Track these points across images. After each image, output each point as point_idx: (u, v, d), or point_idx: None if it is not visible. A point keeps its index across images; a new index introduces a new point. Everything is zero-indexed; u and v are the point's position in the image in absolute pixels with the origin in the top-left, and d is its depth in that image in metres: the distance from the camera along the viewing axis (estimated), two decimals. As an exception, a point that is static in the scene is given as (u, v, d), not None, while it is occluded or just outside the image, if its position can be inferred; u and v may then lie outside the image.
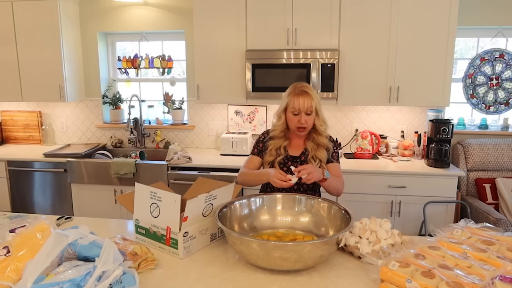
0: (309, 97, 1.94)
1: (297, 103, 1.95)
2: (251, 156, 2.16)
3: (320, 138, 2.02)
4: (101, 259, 1.19)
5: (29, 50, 3.60)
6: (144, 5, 3.74)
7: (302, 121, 1.96)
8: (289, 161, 2.04)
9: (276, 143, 2.05)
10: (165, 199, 1.59)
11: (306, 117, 1.96)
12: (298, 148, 2.07)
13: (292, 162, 2.04)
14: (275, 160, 2.03)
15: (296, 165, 2.01)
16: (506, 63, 3.43)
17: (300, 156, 2.05)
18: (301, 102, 1.94)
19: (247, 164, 2.15)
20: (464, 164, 3.38)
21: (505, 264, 1.30)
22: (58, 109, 4.04)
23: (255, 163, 2.13)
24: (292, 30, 3.24)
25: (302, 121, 1.96)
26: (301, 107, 1.95)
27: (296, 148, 2.07)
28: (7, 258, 1.26)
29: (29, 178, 3.51)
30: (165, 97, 3.96)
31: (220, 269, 1.51)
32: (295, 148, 2.07)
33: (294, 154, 2.06)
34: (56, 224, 1.96)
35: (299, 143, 2.08)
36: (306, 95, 1.94)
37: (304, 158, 2.04)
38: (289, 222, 1.80)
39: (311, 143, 2.03)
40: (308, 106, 1.94)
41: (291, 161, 2.04)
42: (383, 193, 3.12)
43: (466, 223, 1.63)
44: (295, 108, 1.96)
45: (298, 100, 1.95)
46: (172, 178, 3.26)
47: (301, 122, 1.96)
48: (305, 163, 2.01)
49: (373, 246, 1.56)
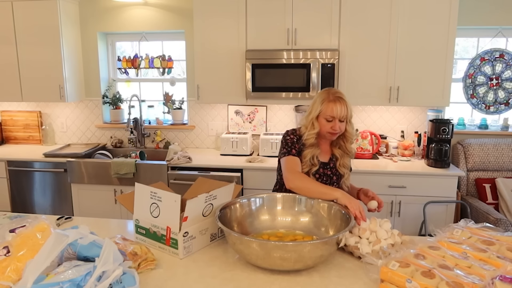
0: (345, 104, 1.93)
1: (334, 110, 1.91)
2: (292, 158, 1.96)
3: (348, 145, 2.03)
4: (101, 259, 1.19)
5: (29, 50, 3.60)
6: (144, 5, 3.74)
7: (336, 128, 1.93)
8: (321, 168, 2.01)
9: (310, 152, 1.98)
10: (165, 199, 1.59)
11: (339, 124, 1.94)
12: (326, 154, 2.05)
13: (323, 169, 2.01)
14: (310, 170, 1.98)
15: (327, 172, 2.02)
16: (506, 63, 3.43)
17: (329, 162, 2.04)
18: (338, 109, 1.91)
19: (296, 166, 1.95)
20: (464, 164, 3.38)
21: (505, 264, 1.30)
22: (58, 109, 4.04)
23: (299, 165, 1.97)
24: (292, 30, 3.24)
25: (336, 127, 1.93)
26: (337, 114, 1.92)
27: (324, 154, 2.05)
28: (7, 258, 1.26)
29: (29, 178, 3.51)
30: (165, 97, 3.96)
31: (220, 269, 1.51)
32: (323, 154, 2.04)
33: (324, 160, 2.03)
34: (56, 224, 1.96)
35: (326, 148, 2.06)
36: (342, 102, 1.93)
37: (333, 164, 2.03)
38: (289, 222, 1.80)
39: (339, 150, 2.03)
40: (344, 114, 1.93)
41: (323, 168, 2.02)
42: (383, 193, 3.12)
43: (466, 223, 1.63)
44: (331, 115, 1.92)
45: (335, 107, 1.91)
46: (172, 178, 3.26)
47: (335, 129, 1.93)
48: (334, 169, 2.03)
49: (373, 246, 1.56)
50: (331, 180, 2.03)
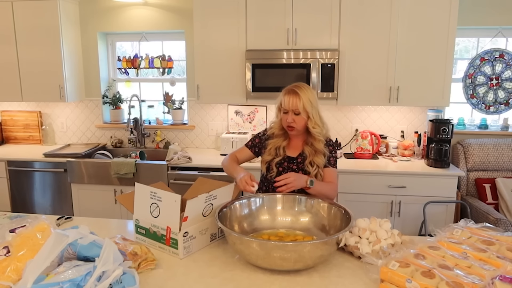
0: (297, 97, 1.93)
1: (286, 102, 1.95)
2: (243, 147, 2.19)
3: (316, 143, 1.99)
4: (101, 259, 1.19)
5: (29, 50, 3.60)
6: (144, 5, 3.74)
7: (289, 120, 1.96)
8: (286, 162, 2.04)
9: (275, 142, 2.05)
10: (165, 199, 1.59)
11: (294, 117, 1.95)
12: (296, 149, 2.06)
13: (288, 163, 2.03)
14: (273, 160, 2.04)
15: (292, 166, 2.03)
16: (506, 63, 3.43)
17: (297, 158, 2.04)
18: (288, 101, 1.94)
19: (237, 152, 2.19)
20: (464, 164, 3.38)
21: (505, 264, 1.30)
22: (58, 109, 4.04)
23: (244, 154, 2.17)
24: (292, 30, 3.24)
25: (289, 119, 1.96)
26: (288, 106, 1.95)
27: (294, 149, 2.07)
28: (7, 258, 1.26)
29: (29, 178, 3.51)
30: (165, 97, 3.96)
31: (220, 269, 1.51)
32: (293, 149, 2.07)
33: (292, 155, 2.05)
34: (56, 224, 1.96)
35: (298, 144, 2.07)
36: (294, 94, 1.94)
37: (301, 160, 2.03)
38: (289, 222, 1.80)
39: (309, 148, 2.02)
40: (294, 106, 1.93)
41: (288, 162, 2.04)
42: (383, 193, 3.12)
43: (466, 223, 1.63)
44: (283, 107, 1.98)
45: (285, 98, 1.96)
46: (172, 178, 3.26)
47: (288, 121, 1.96)
48: (301, 165, 2.02)
49: (373, 246, 1.56)
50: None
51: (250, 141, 2.18)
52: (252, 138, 2.19)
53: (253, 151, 2.16)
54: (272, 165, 2.04)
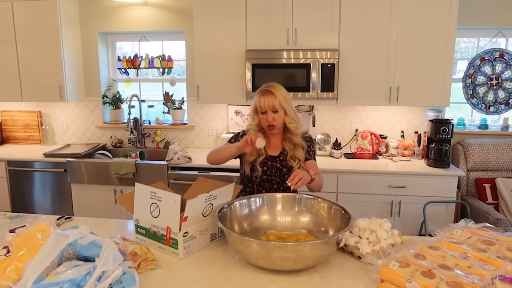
0: (271, 96, 2.00)
1: (262, 102, 2.01)
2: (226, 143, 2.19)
3: (294, 137, 2.08)
4: (101, 259, 1.19)
5: (29, 50, 3.60)
6: (144, 5, 3.74)
7: (269, 119, 2.02)
8: (269, 161, 2.09)
9: None
10: (165, 199, 1.59)
11: (273, 115, 2.01)
12: (277, 148, 2.12)
13: (272, 162, 2.09)
14: (256, 160, 2.08)
15: (276, 164, 2.08)
16: (506, 63, 3.43)
17: (279, 156, 2.10)
18: (265, 101, 2.00)
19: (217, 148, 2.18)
20: (464, 164, 3.38)
21: (505, 264, 1.30)
22: (58, 109, 4.04)
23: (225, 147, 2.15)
24: (292, 30, 3.24)
25: (269, 118, 2.02)
26: (265, 106, 2.01)
27: (275, 148, 2.12)
28: (7, 258, 1.26)
29: (29, 178, 3.51)
30: (165, 97, 3.96)
31: (220, 269, 1.51)
32: (273, 148, 2.12)
33: (273, 154, 2.11)
34: (56, 224, 1.96)
35: (277, 143, 2.13)
36: (269, 94, 2.01)
37: (283, 157, 2.09)
38: (289, 222, 1.80)
39: (288, 143, 2.09)
40: (271, 104, 2.00)
41: (271, 161, 2.09)
42: (383, 193, 3.12)
43: (466, 223, 1.63)
44: (261, 107, 2.03)
45: (261, 99, 2.02)
46: (172, 178, 3.26)
47: (269, 120, 2.02)
48: (284, 162, 2.08)
49: (373, 246, 1.56)
50: (280, 172, 2.09)
51: (233, 138, 2.20)
52: (234, 136, 2.21)
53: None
54: (256, 165, 2.08)
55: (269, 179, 2.10)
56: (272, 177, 2.09)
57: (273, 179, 2.10)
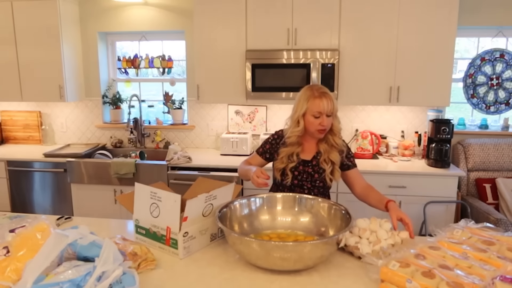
0: (330, 99, 1.91)
1: (321, 106, 1.89)
2: (255, 154, 2.15)
3: (336, 138, 1.99)
4: (101, 259, 1.19)
5: (29, 50, 3.60)
6: (144, 5, 3.74)
7: (324, 123, 1.92)
8: (301, 166, 2.01)
9: (289, 150, 2.00)
10: (165, 199, 1.59)
11: (327, 119, 1.92)
12: (310, 152, 2.03)
13: (303, 166, 2.01)
14: (287, 166, 1.99)
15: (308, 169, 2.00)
16: (507, 63, 3.42)
17: (311, 160, 2.01)
18: (325, 105, 1.89)
19: (249, 159, 2.16)
20: (465, 164, 3.38)
21: (505, 264, 1.30)
22: (58, 109, 4.04)
23: (256, 161, 2.12)
24: (292, 30, 3.24)
25: (325, 123, 1.92)
26: (324, 110, 1.90)
27: (309, 152, 2.03)
28: (7, 258, 1.26)
29: (29, 178, 3.51)
30: (165, 97, 3.96)
31: (220, 269, 1.51)
32: (307, 152, 2.03)
33: (306, 158, 2.02)
34: (56, 224, 1.96)
35: (312, 146, 2.03)
36: (328, 97, 1.91)
37: (316, 162, 2.00)
38: (289, 222, 1.80)
39: (325, 145, 1.99)
40: (331, 108, 1.91)
41: (303, 166, 2.01)
42: (383, 193, 3.10)
43: (466, 223, 1.63)
44: (320, 111, 1.90)
45: (321, 102, 1.89)
46: (172, 178, 3.26)
47: (323, 125, 1.92)
48: (316, 167, 1.99)
49: (373, 246, 1.55)
50: (312, 177, 2.00)
51: (261, 147, 2.12)
52: (263, 144, 2.13)
53: (264, 157, 2.11)
54: (286, 171, 2.00)
55: (300, 184, 2.01)
56: (303, 182, 2.01)
57: (304, 185, 2.01)
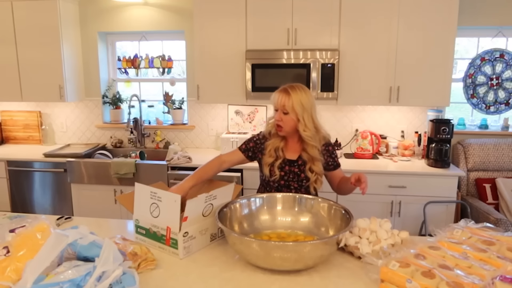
0: (287, 96, 1.89)
1: (275, 99, 1.94)
2: (236, 150, 2.11)
3: (310, 149, 1.96)
4: (101, 259, 1.19)
5: (29, 50, 3.60)
6: (144, 5, 3.74)
7: (277, 118, 1.94)
8: (287, 165, 2.01)
9: (274, 143, 2.01)
10: (165, 199, 1.59)
11: (282, 116, 1.92)
12: (295, 152, 2.03)
13: (289, 166, 2.01)
14: (275, 163, 2.00)
15: (294, 169, 2.00)
16: (507, 63, 3.43)
17: (297, 160, 2.01)
18: (277, 99, 1.92)
19: (227, 155, 2.10)
20: (464, 164, 3.38)
21: (505, 264, 1.29)
22: (58, 109, 4.04)
23: (235, 157, 2.09)
24: (292, 30, 3.24)
25: (277, 117, 1.93)
26: (276, 104, 1.93)
27: (293, 151, 2.03)
28: (7, 258, 1.26)
29: (29, 178, 3.51)
30: (165, 97, 3.96)
31: (220, 269, 1.51)
32: (291, 152, 2.03)
33: (291, 158, 2.02)
34: (56, 224, 1.96)
35: (295, 146, 2.03)
36: (285, 94, 1.90)
37: (302, 162, 2.00)
38: (289, 222, 1.80)
39: (306, 154, 1.98)
40: (282, 104, 1.90)
41: (289, 165, 2.01)
42: (383, 193, 3.12)
43: (466, 223, 1.63)
44: (274, 105, 1.95)
45: (275, 96, 1.94)
46: (172, 178, 3.26)
47: (276, 118, 1.94)
48: (302, 167, 2.00)
49: (373, 246, 1.55)
50: (298, 177, 2.00)
51: (244, 144, 2.10)
52: (246, 141, 2.11)
53: (246, 155, 2.09)
54: (274, 169, 2.00)
55: (287, 184, 2.02)
56: (289, 182, 2.02)
57: (291, 184, 2.02)
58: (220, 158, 2.06)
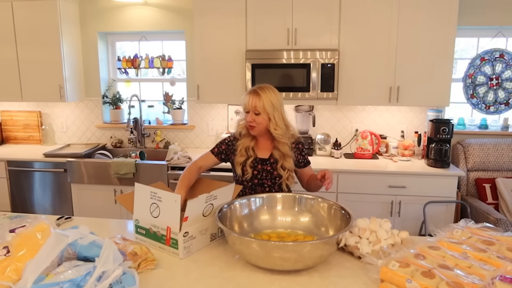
0: (257, 97, 1.95)
1: (246, 101, 1.99)
2: (208, 153, 2.14)
3: (282, 147, 2.02)
4: (101, 259, 1.19)
5: (29, 50, 3.60)
6: (144, 5, 3.74)
7: (249, 119, 1.99)
8: (259, 164, 2.05)
9: (244, 143, 2.06)
10: (165, 199, 1.59)
11: (254, 116, 1.97)
12: (266, 151, 2.07)
13: (262, 165, 2.05)
14: (246, 161, 2.04)
15: (266, 167, 2.04)
16: (506, 63, 3.43)
17: (269, 159, 2.05)
18: (249, 101, 1.98)
19: (200, 160, 2.11)
20: (464, 164, 3.38)
21: (505, 264, 1.30)
22: (58, 109, 4.04)
23: (208, 161, 2.12)
24: (292, 30, 3.24)
25: (249, 118, 1.99)
26: (248, 105, 1.98)
27: (264, 150, 2.08)
28: (7, 258, 1.26)
29: (29, 178, 3.51)
30: (165, 97, 3.96)
31: (220, 269, 1.51)
32: (263, 151, 2.08)
33: (263, 157, 2.06)
34: (56, 224, 1.96)
35: (266, 145, 2.08)
36: (255, 95, 1.96)
37: (274, 160, 2.04)
38: (289, 222, 1.80)
39: (277, 151, 2.03)
40: (254, 105, 1.96)
41: (261, 164, 2.05)
42: (383, 193, 3.12)
43: (466, 223, 1.63)
44: (245, 106, 2.00)
45: (247, 98, 1.99)
46: (172, 178, 3.26)
47: (248, 120, 2.00)
48: (275, 165, 2.04)
49: (373, 246, 1.56)
50: (271, 175, 2.05)
51: (216, 147, 2.14)
52: (218, 144, 2.15)
53: (219, 158, 2.13)
54: (246, 167, 2.04)
55: (261, 183, 2.06)
56: (263, 180, 2.05)
57: (264, 183, 2.06)
58: (196, 164, 2.10)
